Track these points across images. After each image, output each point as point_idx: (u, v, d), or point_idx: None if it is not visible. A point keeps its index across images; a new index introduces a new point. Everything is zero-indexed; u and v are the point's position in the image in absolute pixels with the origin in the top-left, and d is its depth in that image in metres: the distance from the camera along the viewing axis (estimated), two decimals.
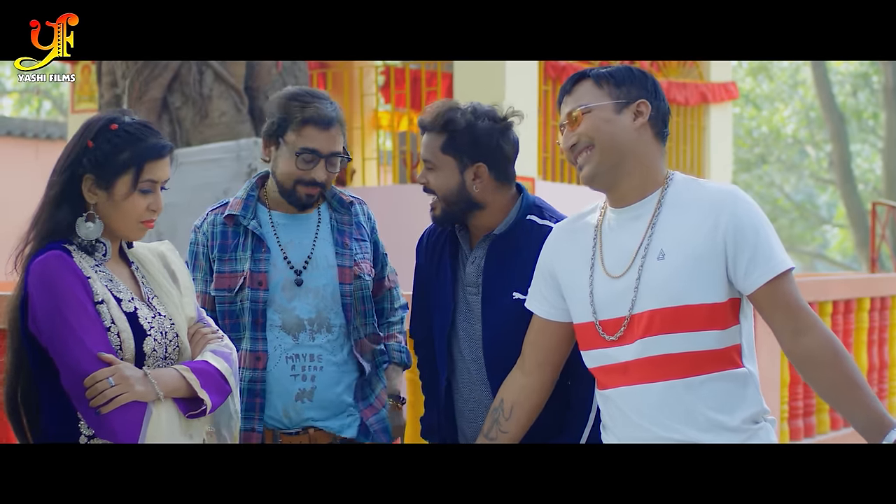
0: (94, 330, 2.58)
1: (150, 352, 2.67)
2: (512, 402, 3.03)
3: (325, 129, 3.26)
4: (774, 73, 27.12)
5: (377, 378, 3.43)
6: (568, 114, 2.81)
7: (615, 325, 2.76)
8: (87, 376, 2.53)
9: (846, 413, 2.67)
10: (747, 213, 2.70)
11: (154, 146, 2.70)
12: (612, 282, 2.77)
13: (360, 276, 3.36)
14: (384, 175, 11.03)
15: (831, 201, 28.91)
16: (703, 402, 2.68)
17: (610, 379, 2.78)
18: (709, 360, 2.69)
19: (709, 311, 2.68)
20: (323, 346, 3.30)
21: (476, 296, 3.25)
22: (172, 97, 7.95)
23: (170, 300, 2.79)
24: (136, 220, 2.71)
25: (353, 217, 3.43)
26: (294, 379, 3.28)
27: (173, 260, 2.88)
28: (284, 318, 3.29)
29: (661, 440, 2.69)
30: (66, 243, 2.67)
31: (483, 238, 3.27)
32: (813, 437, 7.02)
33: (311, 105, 3.27)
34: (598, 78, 2.81)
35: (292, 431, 3.28)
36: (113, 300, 2.65)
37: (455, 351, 3.29)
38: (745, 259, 2.67)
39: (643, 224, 2.77)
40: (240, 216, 3.33)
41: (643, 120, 2.78)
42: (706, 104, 11.89)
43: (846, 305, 7.27)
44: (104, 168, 2.67)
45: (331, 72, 10.74)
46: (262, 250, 3.30)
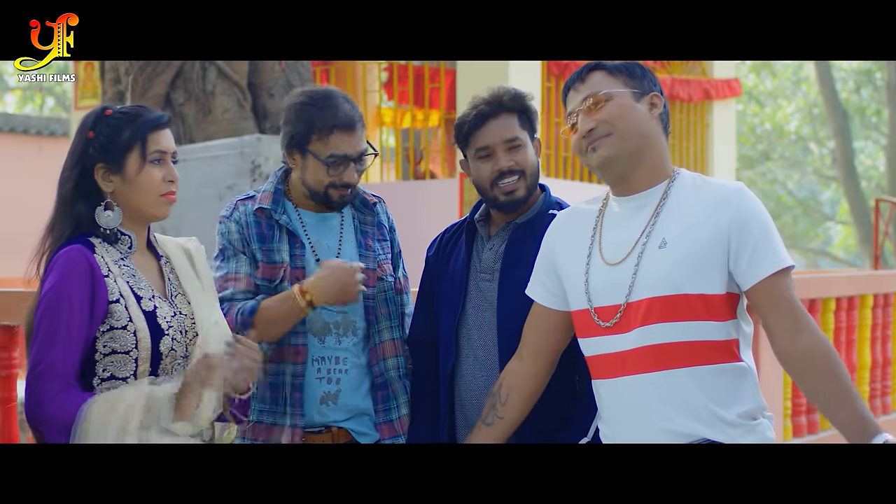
0: (70, 342, 2.56)
1: (168, 351, 2.67)
2: (509, 388, 3.03)
3: (350, 132, 3.23)
4: (778, 69, 27.09)
5: (403, 395, 3.37)
6: (585, 99, 2.80)
7: (610, 312, 2.76)
8: (39, 372, 2.54)
9: (833, 415, 2.64)
10: (753, 209, 2.72)
11: (152, 118, 2.72)
12: (608, 269, 2.78)
13: (382, 278, 3.35)
14: (387, 172, 11.02)
15: (834, 198, 28.88)
16: (702, 392, 2.68)
17: (607, 369, 2.78)
18: (708, 351, 2.69)
19: (707, 302, 2.68)
20: (349, 350, 3.29)
21: (490, 282, 3.26)
22: (176, 94, 7.95)
23: (194, 298, 2.78)
24: (155, 193, 2.70)
25: (375, 217, 3.41)
26: (319, 382, 3.25)
27: (198, 259, 2.88)
28: (311, 321, 3.25)
29: (660, 431, 2.69)
30: (90, 237, 2.67)
31: (504, 226, 3.29)
32: (816, 433, 7.01)
33: (330, 109, 3.22)
34: (612, 69, 2.83)
35: (316, 430, 3.26)
36: (132, 297, 2.64)
37: (462, 338, 3.29)
38: (748, 253, 2.68)
39: (647, 213, 2.78)
40: (271, 209, 3.29)
41: (657, 112, 2.82)
42: (709, 101, 11.88)
43: (849, 302, 7.27)
44: (110, 151, 2.68)
45: (334, 68, 10.74)
46: (297, 245, 3.28)
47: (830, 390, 2.64)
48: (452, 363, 3.28)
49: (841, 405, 2.63)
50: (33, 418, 2.58)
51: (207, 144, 7.50)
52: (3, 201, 13.65)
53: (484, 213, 3.34)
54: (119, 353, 2.62)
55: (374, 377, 3.32)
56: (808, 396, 2.72)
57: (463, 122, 3.29)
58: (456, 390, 3.30)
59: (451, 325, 3.29)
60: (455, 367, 3.29)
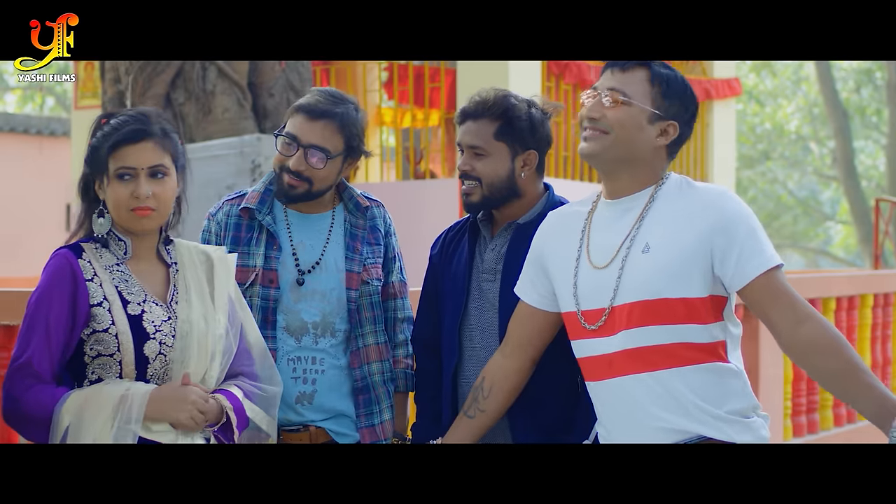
0: (48, 341, 2.64)
1: (156, 355, 2.68)
2: (491, 381, 3.08)
3: (310, 119, 3.23)
4: (778, 69, 27.08)
5: (386, 399, 3.37)
6: (611, 88, 2.79)
7: (596, 315, 2.78)
8: (14, 368, 2.63)
9: (852, 399, 2.63)
10: (736, 212, 2.72)
11: (125, 133, 2.73)
12: (595, 273, 2.80)
13: (367, 282, 3.32)
14: (387, 171, 11.02)
15: (835, 198, 28.87)
16: (689, 390, 2.69)
17: (596, 371, 2.81)
18: (692, 352, 2.70)
19: (688, 306, 2.70)
20: (326, 351, 3.28)
21: (491, 283, 3.25)
22: (176, 93, 7.96)
23: (196, 305, 2.79)
24: (124, 208, 2.73)
25: (367, 221, 3.38)
26: (294, 381, 3.25)
27: (219, 268, 2.89)
28: (289, 320, 3.26)
29: (652, 429, 2.70)
30: (86, 241, 2.75)
31: (506, 226, 3.29)
32: (816, 433, 7.02)
33: (309, 95, 3.29)
34: (655, 76, 2.79)
35: (293, 429, 3.27)
36: (118, 301, 2.68)
37: (465, 338, 3.29)
38: (735, 255, 2.69)
39: (632, 217, 2.80)
40: (255, 210, 3.30)
41: (664, 141, 2.81)
42: (710, 100, 11.87)
43: (849, 302, 7.28)
44: (95, 164, 2.76)
45: (334, 68, 10.73)
46: (274, 247, 3.27)
47: (846, 375, 2.62)
48: (455, 364, 3.29)
49: (858, 388, 2.61)
50: (8, 412, 2.66)
51: (207, 144, 7.50)
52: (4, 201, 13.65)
53: (487, 212, 3.34)
54: (104, 356, 2.68)
55: (355, 380, 3.30)
56: (823, 385, 2.71)
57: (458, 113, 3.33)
58: (458, 391, 3.30)
59: (454, 325, 3.29)
60: (458, 367, 3.29)
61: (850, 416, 7.33)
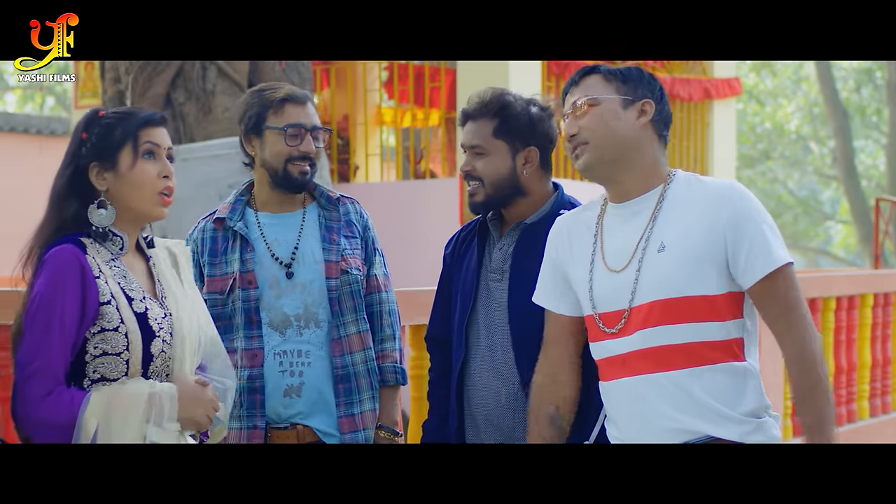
0: (63, 342, 2.55)
1: (159, 353, 2.66)
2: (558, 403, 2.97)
3: (302, 105, 3.39)
4: (778, 69, 27.08)
5: (368, 390, 3.39)
6: (573, 103, 2.83)
7: (615, 318, 2.78)
8: (31, 371, 2.53)
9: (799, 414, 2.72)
10: (747, 208, 2.72)
11: (143, 115, 2.72)
12: (612, 276, 2.79)
13: (347, 271, 3.38)
14: (387, 171, 11.03)
15: (835, 197, 28.87)
16: (704, 391, 2.69)
17: (611, 371, 2.80)
18: (709, 351, 2.70)
19: (706, 303, 2.70)
20: (311, 342, 3.33)
21: (498, 282, 3.26)
22: (176, 93, 7.95)
23: (177, 301, 2.77)
24: (150, 190, 2.67)
25: (341, 214, 3.45)
26: (282, 375, 3.31)
27: (183, 263, 2.87)
28: (272, 316, 3.32)
29: (664, 430, 2.70)
30: (81, 236, 2.64)
31: (514, 226, 3.30)
32: None
33: (281, 88, 3.42)
34: (607, 73, 2.84)
35: (282, 426, 3.30)
36: (124, 299, 2.62)
37: (472, 337, 3.30)
38: (744, 253, 2.69)
39: (644, 219, 2.79)
40: (227, 218, 3.40)
41: (646, 119, 2.81)
42: (710, 100, 11.87)
43: (849, 301, 7.28)
44: (103, 149, 2.66)
45: (334, 68, 10.74)
46: (248, 250, 3.35)
47: (798, 390, 2.70)
48: (462, 362, 3.29)
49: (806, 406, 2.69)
50: (22, 417, 2.56)
51: (207, 143, 7.50)
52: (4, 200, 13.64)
53: (496, 212, 3.34)
54: (110, 355, 2.60)
55: (335, 368, 3.34)
56: (791, 393, 2.78)
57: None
58: (465, 389, 3.30)
59: (462, 324, 3.30)
60: (464, 366, 3.30)
61: (849, 417, 7.34)
